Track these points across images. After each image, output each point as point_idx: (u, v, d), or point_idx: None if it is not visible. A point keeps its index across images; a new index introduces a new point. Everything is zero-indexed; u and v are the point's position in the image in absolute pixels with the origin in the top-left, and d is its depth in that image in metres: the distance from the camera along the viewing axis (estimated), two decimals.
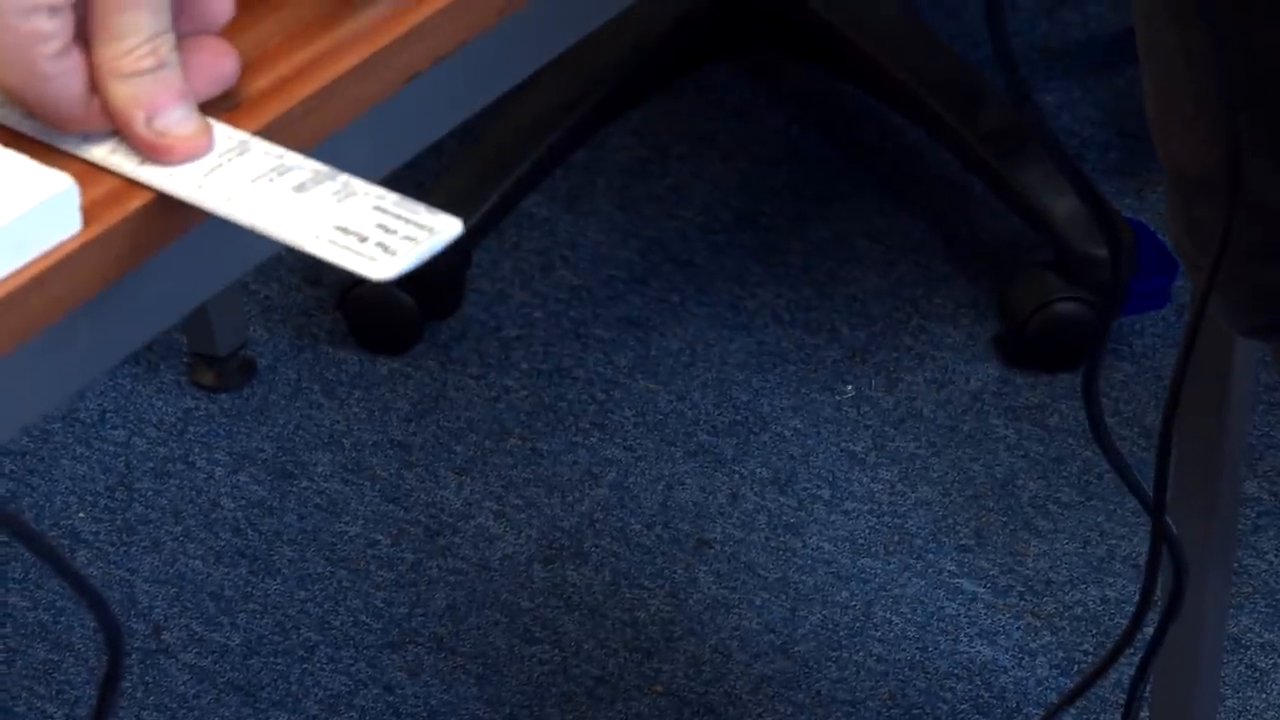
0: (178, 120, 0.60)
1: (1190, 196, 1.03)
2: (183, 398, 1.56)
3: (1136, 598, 0.96)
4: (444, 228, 0.53)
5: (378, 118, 0.61)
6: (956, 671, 1.40)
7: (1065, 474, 1.52)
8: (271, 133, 0.60)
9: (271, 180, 0.58)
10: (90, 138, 0.60)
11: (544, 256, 1.68)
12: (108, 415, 1.55)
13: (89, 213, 0.56)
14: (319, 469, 1.49)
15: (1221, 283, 0.99)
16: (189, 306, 0.63)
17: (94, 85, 0.60)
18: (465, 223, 0.55)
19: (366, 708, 1.38)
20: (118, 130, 0.59)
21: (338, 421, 1.55)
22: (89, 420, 1.55)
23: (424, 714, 1.35)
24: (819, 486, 1.52)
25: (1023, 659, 1.37)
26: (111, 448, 1.56)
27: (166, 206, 0.58)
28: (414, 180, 1.50)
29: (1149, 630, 0.97)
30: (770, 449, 1.55)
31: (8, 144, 0.59)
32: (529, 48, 0.68)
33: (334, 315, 1.60)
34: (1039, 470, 1.49)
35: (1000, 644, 1.39)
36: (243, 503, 1.49)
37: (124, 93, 0.60)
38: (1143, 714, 1.17)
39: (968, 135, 1.68)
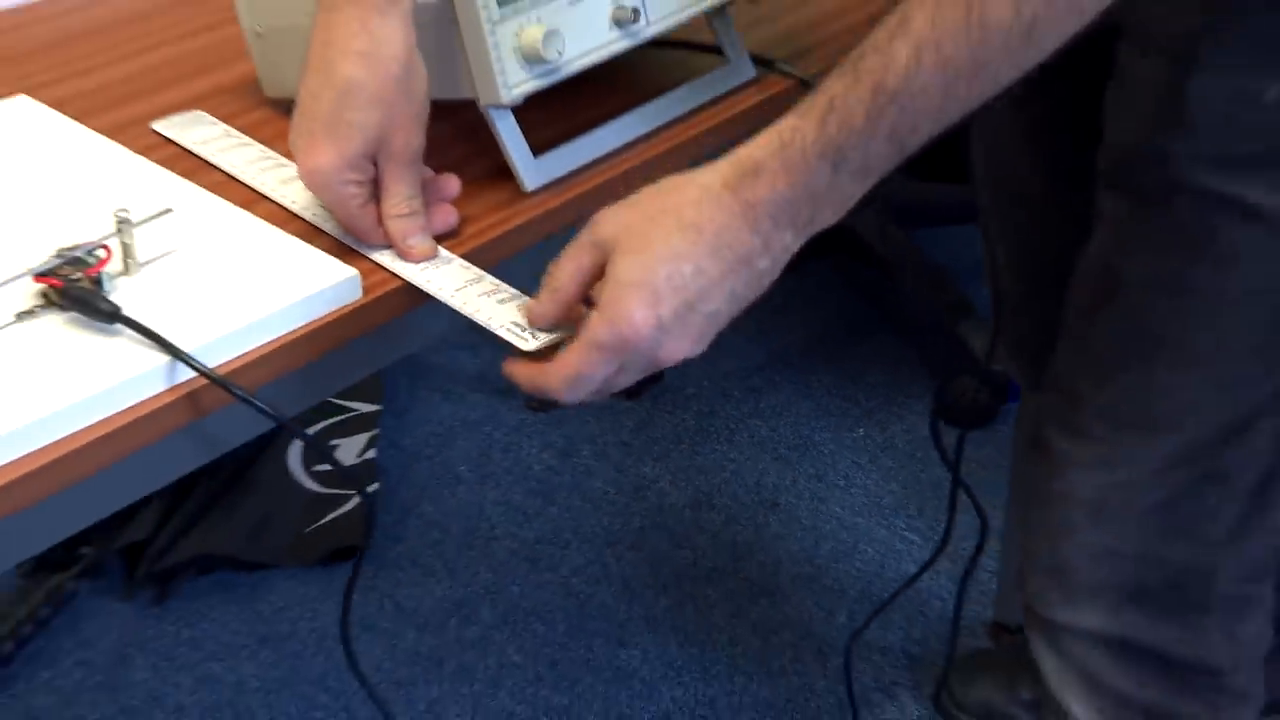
0: (417, 241, 0.94)
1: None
2: (521, 413, 2.36)
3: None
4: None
5: (517, 265, 1.01)
6: (878, 568, 2.03)
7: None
8: (470, 256, 0.97)
9: (470, 285, 0.94)
10: (376, 248, 0.97)
11: (704, 353, 2.53)
12: (483, 422, 2.40)
13: (368, 288, 0.93)
14: (584, 454, 2.28)
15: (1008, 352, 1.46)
16: (413, 348, 1.03)
17: (380, 220, 0.95)
18: None
19: (594, 573, 2.06)
20: (390, 243, 0.96)
21: (597, 430, 2.32)
22: (473, 420, 2.40)
23: (621, 581, 2.04)
24: (839, 478, 2.21)
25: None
26: (483, 432, 2.37)
27: (409, 289, 0.94)
28: None
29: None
30: (814, 459, 2.25)
31: (333, 251, 0.94)
32: None
33: None
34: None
35: (912, 560, 1.81)
36: (541, 466, 2.26)
37: (393, 226, 0.94)
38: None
39: (933, 302, 2.39)
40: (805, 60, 1.21)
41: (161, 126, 1.09)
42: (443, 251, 0.97)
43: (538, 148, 1.07)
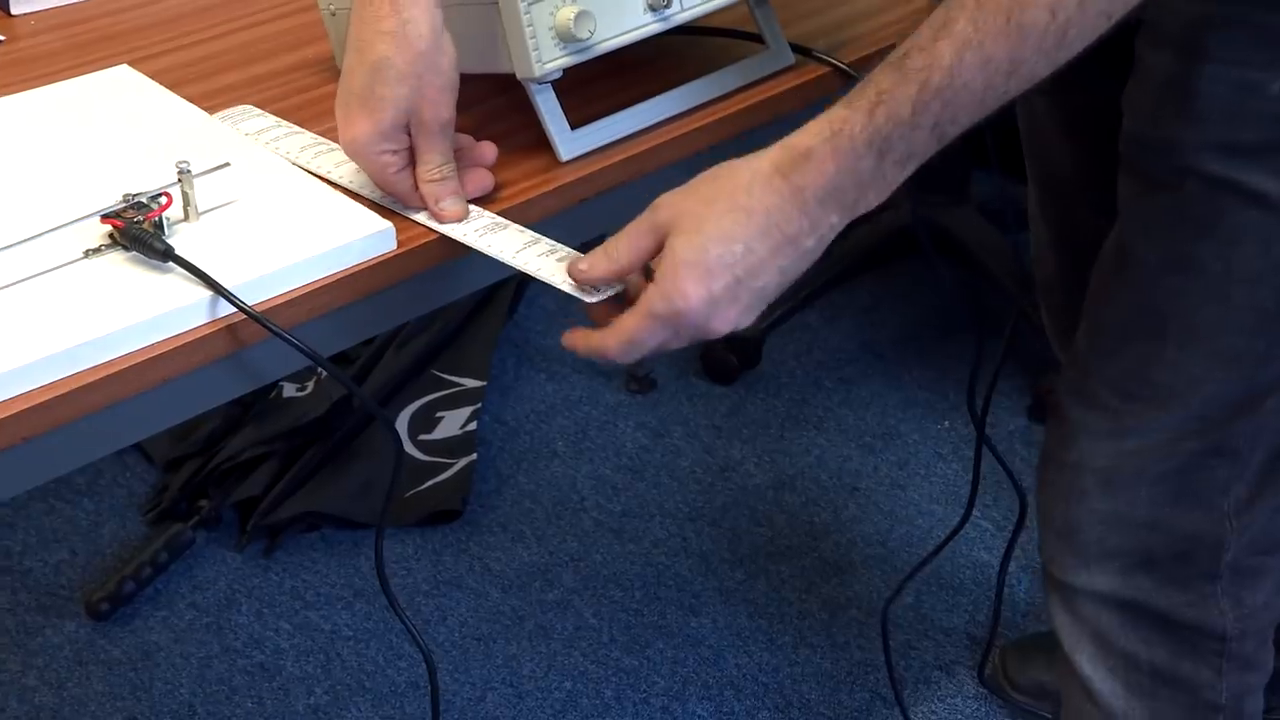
0: (450, 204, 1.01)
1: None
2: (620, 394, 2.43)
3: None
4: None
5: (551, 225, 1.05)
6: (949, 552, 2.04)
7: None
8: (506, 215, 1.04)
9: (529, 247, 1.00)
10: (412, 209, 1.04)
11: (799, 343, 2.50)
12: (582, 401, 2.45)
13: (402, 242, 1.00)
14: (675, 435, 2.33)
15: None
16: (448, 298, 1.08)
17: (416, 184, 1.02)
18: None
19: (674, 546, 2.12)
20: (425, 206, 1.02)
21: (690, 413, 2.38)
22: (573, 399, 2.43)
23: (699, 554, 2.09)
24: (920, 467, 2.25)
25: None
26: (582, 411, 2.42)
27: (443, 241, 1.02)
28: None
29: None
30: (898, 448, 2.28)
31: (375, 209, 1.02)
32: None
33: (696, 363, 2.44)
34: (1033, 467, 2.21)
35: (983, 546, 2.06)
36: (634, 444, 2.33)
37: (427, 189, 1.01)
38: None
39: (1010, 289, 2.40)
40: (842, 51, 1.26)
41: (220, 118, 1.15)
42: (497, 218, 1.03)
43: (579, 124, 1.13)
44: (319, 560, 2.14)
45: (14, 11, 1.33)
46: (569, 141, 1.13)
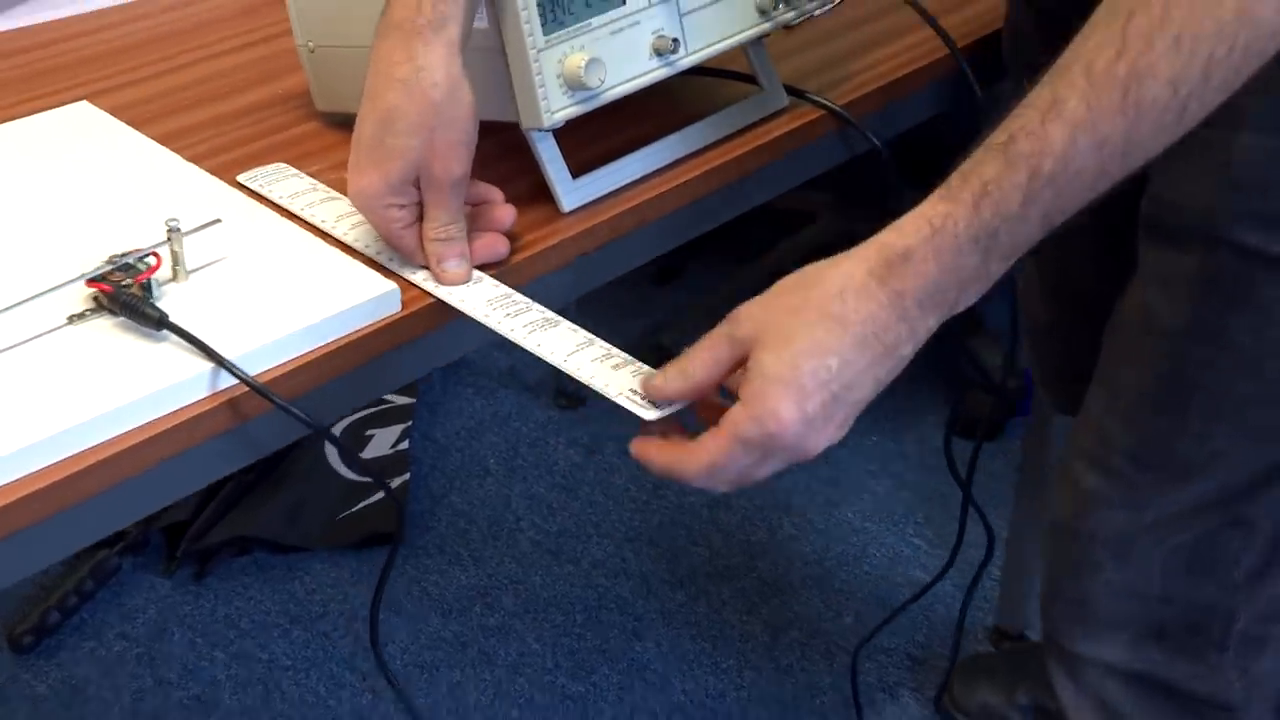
0: (454, 265, 0.92)
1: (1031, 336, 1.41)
2: (549, 410, 2.33)
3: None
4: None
5: (552, 280, 0.98)
6: (886, 571, 1.99)
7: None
8: (509, 272, 0.95)
9: (581, 349, 0.90)
10: (415, 269, 0.94)
11: None
12: (512, 417, 2.34)
13: (405, 302, 0.91)
14: (608, 451, 2.25)
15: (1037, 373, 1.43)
16: (448, 359, 0.99)
17: (421, 242, 0.92)
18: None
19: (614, 567, 2.03)
20: (428, 266, 0.93)
21: (621, 429, 2.21)
22: (503, 415, 2.33)
23: (639, 575, 2.00)
24: (852, 484, 2.17)
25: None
26: (512, 427, 2.31)
27: (442, 308, 0.92)
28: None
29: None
30: (829, 464, 2.21)
31: (380, 271, 0.93)
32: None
33: None
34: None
35: (918, 565, 2.01)
36: (566, 462, 2.22)
37: (431, 248, 0.92)
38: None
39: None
40: (833, 91, 1.19)
41: (246, 179, 1.04)
42: (551, 314, 0.92)
43: (575, 169, 1.04)
44: (251, 586, 2.03)
45: None
46: (571, 191, 1.04)
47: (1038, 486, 1.75)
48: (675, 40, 1.03)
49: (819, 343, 0.79)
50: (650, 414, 0.85)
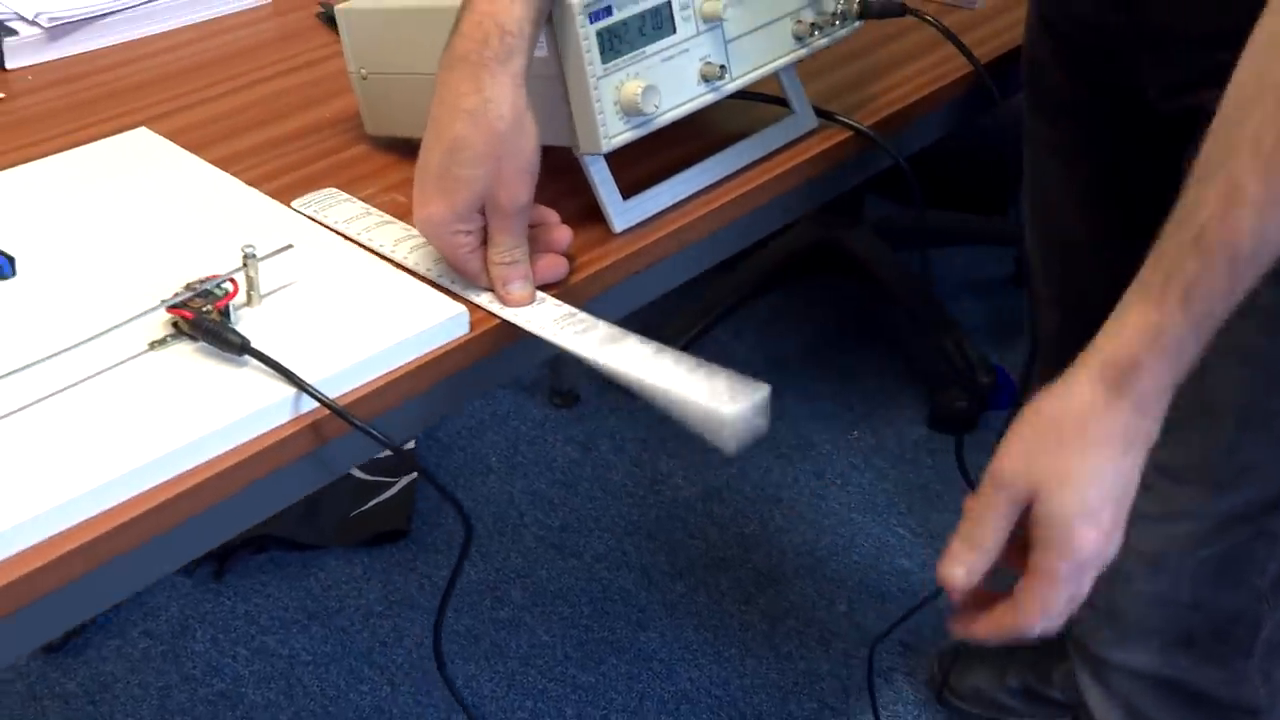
0: (518, 288, 0.90)
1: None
2: (545, 408, 2.31)
3: None
4: None
5: (606, 299, 0.97)
6: (874, 560, 1.98)
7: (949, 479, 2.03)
8: (565, 293, 0.92)
9: (568, 325, 0.88)
10: (478, 291, 0.92)
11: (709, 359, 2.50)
12: (510, 416, 2.31)
13: (474, 324, 0.89)
14: (603, 448, 2.22)
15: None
16: (513, 375, 1.11)
17: (485, 266, 0.91)
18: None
19: (615, 560, 2.01)
20: (492, 288, 0.91)
21: (615, 426, 2.26)
22: (502, 414, 2.30)
23: (640, 568, 1.98)
24: (836, 477, 2.16)
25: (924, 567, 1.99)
26: (511, 426, 2.28)
27: (508, 328, 0.90)
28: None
29: None
30: (814, 459, 2.20)
31: (443, 293, 0.90)
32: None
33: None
34: (938, 474, 1.92)
35: (904, 554, 2.02)
36: (564, 459, 2.21)
37: (495, 272, 0.90)
38: None
39: (919, 316, 2.35)
40: (861, 111, 1.17)
41: (300, 205, 1.01)
42: (617, 329, 0.89)
43: (620, 191, 1.02)
44: (269, 583, 2.00)
45: (8, 65, 1.17)
46: (623, 213, 1.02)
47: None
48: (722, 67, 1.01)
49: (1093, 468, 0.80)
50: (732, 408, 0.81)
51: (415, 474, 2.14)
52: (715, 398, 0.81)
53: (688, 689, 1.84)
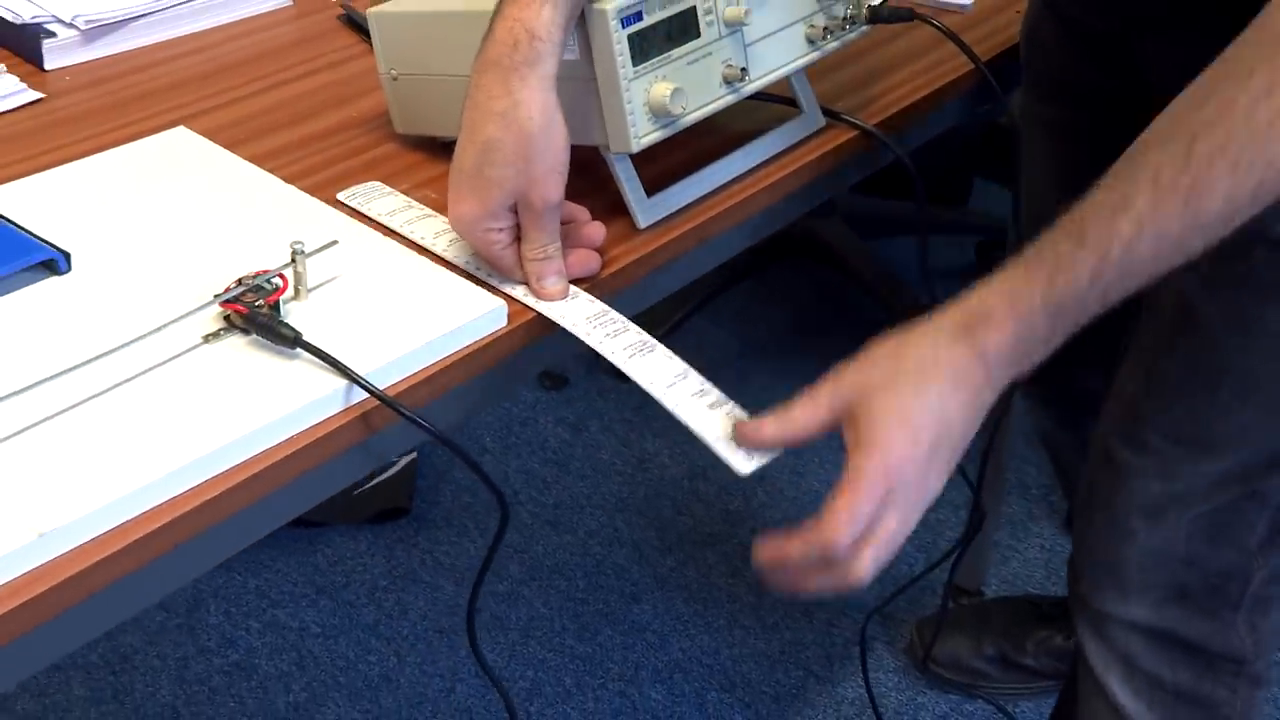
0: (552, 282, 0.90)
1: None
2: (536, 390, 2.28)
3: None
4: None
5: (630, 293, 0.95)
6: None
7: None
8: (591, 288, 0.91)
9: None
10: (514, 283, 0.90)
11: (690, 344, 2.41)
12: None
13: (511, 317, 0.88)
14: (593, 429, 2.20)
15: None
16: (544, 367, 1.20)
17: (520, 261, 0.90)
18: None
19: (608, 536, 1.99)
20: (527, 282, 0.90)
21: (603, 407, 2.24)
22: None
23: (631, 543, 1.96)
24: (814, 455, 2.15)
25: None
26: (504, 407, 2.23)
27: (542, 320, 0.89)
28: None
29: None
30: None
31: (481, 286, 0.89)
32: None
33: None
34: None
35: None
36: (556, 439, 2.17)
37: (530, 267, 0.89)
38: None
39: (887, 301, 2.36)
40: (866, 110, 1.16)
41: (345, 197, 0.99)
42: (647, 337, 0.89)
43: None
44: (278, 559, 1.97)
45: (48, 66, 1.14)
46: (647, 210, 1.01)
47: (1000, 456, 1.75)
48: (743, 69, 1.00)
49: (922, 390, 0.80)
50: (745, 466, 0.83)
51: (415, 454, 2.12)
52: (731, 450, 0.84)
53: (679, 658, 1.84)
